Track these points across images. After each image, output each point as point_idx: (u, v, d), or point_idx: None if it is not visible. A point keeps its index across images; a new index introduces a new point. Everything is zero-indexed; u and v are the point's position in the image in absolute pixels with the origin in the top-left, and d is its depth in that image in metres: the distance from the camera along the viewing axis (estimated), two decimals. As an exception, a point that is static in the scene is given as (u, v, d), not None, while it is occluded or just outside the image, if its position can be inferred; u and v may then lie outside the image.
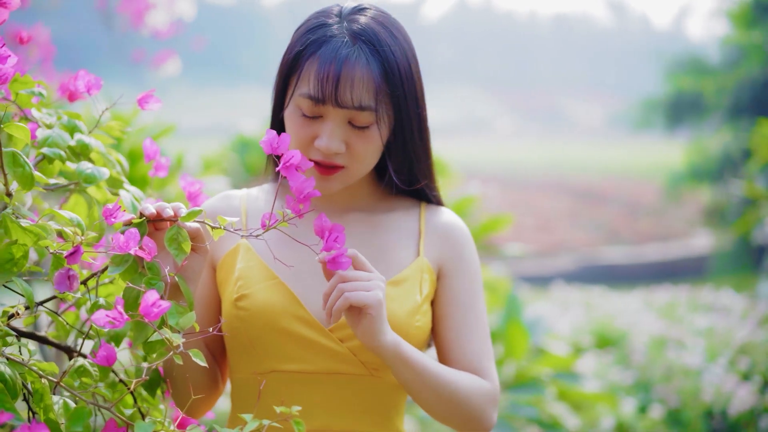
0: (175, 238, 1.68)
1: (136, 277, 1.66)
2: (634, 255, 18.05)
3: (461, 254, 2.03)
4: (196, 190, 2.00)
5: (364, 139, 1.88)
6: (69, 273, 1.57)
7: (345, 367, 1.93)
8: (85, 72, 1.90)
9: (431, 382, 1.86)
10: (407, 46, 1.93)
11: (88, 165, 1.82)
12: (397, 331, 1.90)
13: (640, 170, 29.47)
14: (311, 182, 1.67)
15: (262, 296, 1.92)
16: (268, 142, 1.67)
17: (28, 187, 1.64)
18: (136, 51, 6.70)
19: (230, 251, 2.01)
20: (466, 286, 2.02)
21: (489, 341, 2.02)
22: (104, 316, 1.45)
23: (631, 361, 7.13)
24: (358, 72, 1.84)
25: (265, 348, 1.93)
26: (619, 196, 24.92)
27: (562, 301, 10.19)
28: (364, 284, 1.74)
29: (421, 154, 1.99)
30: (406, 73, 1.89)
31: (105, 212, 1.60)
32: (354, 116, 1.86)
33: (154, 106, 1.90)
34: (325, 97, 1.84)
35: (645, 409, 6.41)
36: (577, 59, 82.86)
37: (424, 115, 1.97)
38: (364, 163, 1.91)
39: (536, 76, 79.79)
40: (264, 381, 1.83)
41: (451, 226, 2.06)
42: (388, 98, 1.88)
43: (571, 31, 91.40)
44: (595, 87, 74.20)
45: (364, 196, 2.05)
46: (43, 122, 1.89)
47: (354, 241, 1.97)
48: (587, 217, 22.85)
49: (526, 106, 68.38)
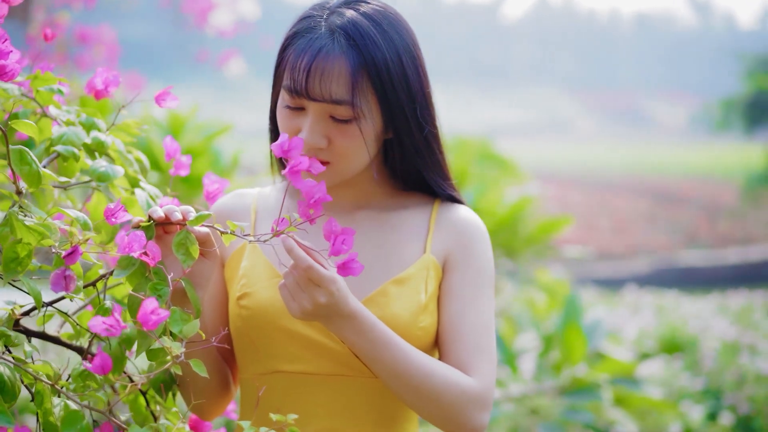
0: (183, 242, 1.65)
1: (142, 281, 1.63)
2: (712, 258, 17.73)
3: (469, 248, 1.95)
4: (215, 189, 1.97)
5: (344, 135, 1.83)
6: (65, 273, 1.54)
7: (347, 369, 1.88)
8: (102, 69, 1.88)
9: (396, 366, 1.77)
10: (401, 41, 1.87)
11: (103, 163, 1.80)
12: (399, 332, 1.84)
13: (720, 171, 28.95)
14: (321, 186, 1.62)
15: (264, 295, 1.89)
16: (279, 146, 1.63)
17: (34, 185, 1.62)
18: (200, 50, 6.74)
19: (238, 249, 1.98)
20: (470, 281, 1.93)
21: (489, 341, 1.91)
22: (101, 322, 1.42)
23: (701, 367, 6.99)
24: (329, 64, 1.80)
25: (267, 348, 1.90)
26: (698, 198, 24.51)
27: (633, 305, 10.04)
28: (294, 292, 1.71)
29: (424, 149, 1.93)
30: (394, 68, 1.84)
31: (106, 212, 1.58)
32: (332, 110, 1.82)
33: (171, 103, 1.87)
34: (297, 88, 1.82)
35: (715, 416, 6.28)
36: (659, 59, 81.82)
37: (427, 113, 1.91)
38: (349, 160, 1.86)
39: (617, 77, 78.98)
40: (264, 387, 1.79)
41: (464, 220, 1.98)
42: (372, 93, 1.83)
43: (653, 31, 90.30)
44: (678, 87, 73.17)
45: (375, 194, 2.00)
46: (63, 120, 1.88)
47: (361, 239, 1.92)
48: (665, 219, 22.52)
49: (606, 106, 67.71)
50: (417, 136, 1.90)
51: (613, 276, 15.63)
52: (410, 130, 1.88)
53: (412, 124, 1.88)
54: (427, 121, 1.91)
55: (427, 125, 1.91)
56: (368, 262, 1.90)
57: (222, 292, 1.99)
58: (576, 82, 75.27)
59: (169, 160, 1.97)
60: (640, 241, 20.18)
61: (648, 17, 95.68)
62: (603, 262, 17.07)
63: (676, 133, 56.48)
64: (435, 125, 1.94)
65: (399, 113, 1.86)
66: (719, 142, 38.81)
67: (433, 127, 1.94)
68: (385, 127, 1.88)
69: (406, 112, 1.86)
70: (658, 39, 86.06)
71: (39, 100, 1.92)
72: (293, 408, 1.87)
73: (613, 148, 42.05)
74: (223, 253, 1.99)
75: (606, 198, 24.65)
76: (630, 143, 46.76)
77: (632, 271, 16.25)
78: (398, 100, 1.85)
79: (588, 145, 45.40)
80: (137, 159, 1.97)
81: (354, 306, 1.75)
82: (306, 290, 1.70)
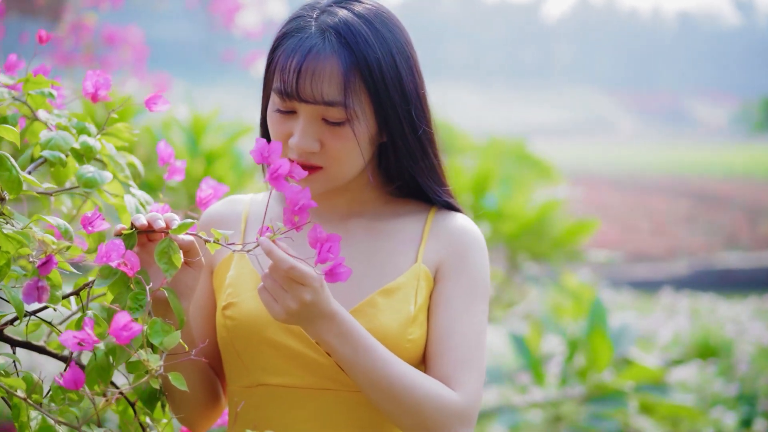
0: (165, 251, 1.60)
1: (123, 290, 1.59)
2: (752, 260, 17.47)
3: (463, 257, 1.88)
4: (207, 196, 1.92)
5: (337, 137, 1.78)
6: (38, 284, 1.49)
7: (332, 382, 1.82)
8: (93, 72, 1.84)
9: (377, 373, 1.71)
10: (394, 40, 1.82)
11: (90, 168, 1.75)
12: (387, 345, 1.78)
13: (761, 172, 28.58)
14: (306, 193, 1.57)
15: (249, 305, 1.83)
16: (258, 151, 1.58)
17: (15, 192, 1.58)
18: (226, 51, 6.72)
19: (226, 258, 1.92)
20: (462, 291, 1.86)
21: (478, 355, 1.83)
22: (71, 337, 1.37)
23: (736, 372, 6.87)
24: (320, 64, 1.75)
25: (252, 359, 1.84)
26: (739, 200, 24.19)
27: (669, 308, 9.91)
28: (277, 293, 1.64)
29: (418, 153, 1.86)
30: (387, 67, 1.78)
31: (83, 220, 1.53)
32: (324, 112, 1.77)
33: (162, 107, 1.83)
34: (288, 90, 1.76)
35: (749, 423, 6.18)
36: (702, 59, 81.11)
37: (421, 114, 1.85)
38: (342, 164, 1.80)
39: (659, 76, 78.43)
40: (243, 402, 1.73)
41: (459, 228, 1.91)
42: (365, 94, 1.78)
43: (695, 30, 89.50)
44: (720, 87, 72.49)
45: (368, 201, 1.93)
46: (53, 124, 1.84)
47: (351, 248, 1.86)
48: (705, 220, 22.25)
49: (647, 106, 67.23)
50: (411, 139, 1.84)
51: (650, 278, 15.45)
52: (404, 131, 1.82)
53: (406, 125, 1.82)
54: (421, 122, 1.85)
55: (421, 126, 1.85)
56: (358, 272, 1.84)
57: (211, 301, 1.94)
58: (617, 81, 74.81)
59: (163, 164, 1.93)
60: (679, 242, 19.95)
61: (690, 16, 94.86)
62: (641, 263, 16.88)
63: (717, 133, 55.95)
64: (430, 127, 1.88)
65: (392, 114, 1.80)
66: (761, 143, 38.36)
67: (429, 128, 1.87)
68: (379, 130, 1.82)
69: (399, 114, 1.80)
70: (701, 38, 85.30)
71: (31, 103, 1.89)
72: (278, 422, 1.82)
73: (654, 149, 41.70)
74: (212, 261, 1.94)
75: (645, 199, 24.41)
76: (670, 144, 46.36)
77: (670, 273, 16.05)
78: (391, 101, 1.79)
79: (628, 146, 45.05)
80: (130, 164, 1.93)
81: (336, 306, 1.69)
82: (289, 290, 1.63)
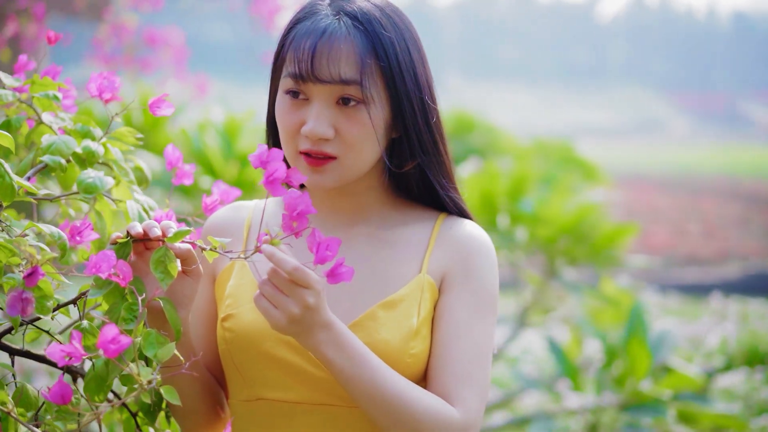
0: (161, 260, 1.56)
1: (118, 301, 1.55)
2: (807, 265, 17.19)
3: (470, 266, 1.80)
4: (213, 202, 1.88)
5: (353, 122, 1.73)
6: (22, 296, 1.45)
7: (331, 398, 1.76)
8: (96, 74, 1.80)
9: (375, 387, 1.65)
10: (407, 30, 1.79)
11: (91, 174, 1.71)
12: (388, 360, 1.71)
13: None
14: (304, 198, 1.52)
15: (247, 317, 1.78)
16: (257, 157, 1.53)
17: (8, 198, 1.55)
18: (265, 52, 6.69)
19: (227, 267, 1.87)
20: (467, 302, 1.78)
21: (481, 370, 1.76)
22: (59, 350, 1.34)
23: (785, 380, 6.71)
24: (336, 43, 1.71)
25: (251, 373, 1.79)
26: (794, 203, 23.81)
27: (718, 313, 9.72)
28: (277, 299, 1.58)
29: (430, 146, 1.80)
30: (402, 54, 1.75)
31: (72, 230, 1.49)
32: (341, 92, 1.72)
33: (166, 111, 1.79)
34: (302, 71, 1.71)
35: (797, 432, 6.02)
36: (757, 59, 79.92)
37: (432, 107, 1.80)
38: (357, 152, 1.74)
39: (713, 77, 77.45)
40: (233, 416, 1.69)
41: (467, 236, 1.83)
42: (380, 78, 1.74)
43: (751, 30, 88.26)
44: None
45: (374, 206, 1.87)
46: (56, 127, 1.81)
47: (353, 258, 1.78)
48: (759, 223, 21.90)
49: (702, 107, 66.43)
50: (423, 129, 1.79)
51: (701, 282, 15.23)
52: (417, 120, 1.77)
53: (419, 113, 1.77)
54: (432, 113, 1.80)
55: (434, 116, 1.80)
56: (360, 284, 1.78)
57: (213, 310, 1.89)
58: (671, 82, 74.01)
59: (171, 169, 1.89)
60: (732, 246, 19.66)
61: (746, 16, 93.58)
62: (691, 267, 16.66)
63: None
64: (440, 124, 1.83)
65: (406, 101, 1.76)
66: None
67: (439, 124, 1.82)
68: (393, 118, 1.77)
69: (413, 101, 1.76)
70: (756, 38, 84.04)
71: (38, 105, 1.86)
72: None
73: (707, 151, 41.19)
74: (214, 269, 1.89)
75: (698, 201, 24.11)
76: (724, 145, 45.73)
77: (722, 277, 15.80)
78: (406, 87, 1.75)
79: (681, 147, 44.55)
80: (137, 168, 1.90)
81: (332, 316, 1.64)
82: (291, 294, 1.57)
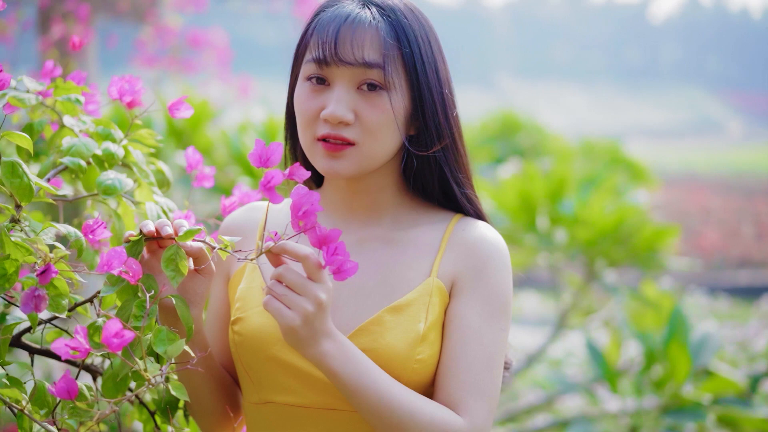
0: (172, 258, 1.57)
1: (131, 298, 1.56)
2: None
3: (481, 270, 1.77)
4: (231, 203, 1.89)
5: (373, 107, 1.73)
6: (35, 293, 1.47)
7: (339, 402, 1.74)
8: (117, 78, 1.82)
9: (379, 398, 1.63)
10: (429, 27, 1.80)
11: (111, 175, 1.73)
12: (393, 366, 1.70)
13: None
14: (310, 196, 1.52)
15: (256, 321, 1.78)
16: (257, 156, 1.53)
17: (26, 199, 1.57)
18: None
19: (239, 269, 1.88)
20: (478, 308, 1.75)
21: (490, 378, 1.72)
22: (64, 345, 1.35)
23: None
24: (361, 26, 1.72)
25: (259, 377, 1.79)
26: None
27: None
28: (289, 298, 1.56)
29: (448, 141, 1.80)
30: (424, 46, 1.76)
31: (85, 228, 1.51)
32: (363, 75, 1.72)
33: (185, 113, 1.80)
34: (326, 53, 1.72)
35: None
36: (816, 58, 78.69)
37: (452, 100, 1.81)
38: (376, 139, 1.74)
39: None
40: (240, 418, 1.69)
41: (479, 239, 1.80)
42: (402, 67, 1.74)
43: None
44: (835, 88, 70.28)
45: (389, 205, 1.86)
46: (78, 130, 1.83)
47: (363, 261, 1.78)
48: (814, 225, 21.55)
49: (756, 108, 65.53)
50: (443, 123, 1.78)
51: (753, 284, 15.03)
52: (436, 112, 1.77)
53: (439, 106, 1.77)
54: (452, 109, 1.80)
55: (454, 109, 1.80)
56: (367, 287, 1.77)
57: (228, 312, 1.90)
58: (726, 82, 73.14)
59: (191, 171, 1.91)
60: (787, 248, 19.37)
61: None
62: (744, 269, 16.45)
63: (831, 135, 54.21)
64: (458, 120, 1.83)
65: (427, 93, 1.76)
66: None
67: (457, 119, 1.82)
68: (414, 110, 1.77)
69: (434, 93, 1.76)
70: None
71: (61, 109, 1.88)
72: None
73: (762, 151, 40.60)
74: (228, 270, 1.90)
75: (752, 202, 23.78)
76: (782, 146, 45.06)
77: (776, 279, 15.59)
78: (427, 78, 1.75)
79: (735, 148, 43.98)
80: (158, 170, 1.91)
81: (332, 325, 1.63)
82: (303, 291, 1.57)
